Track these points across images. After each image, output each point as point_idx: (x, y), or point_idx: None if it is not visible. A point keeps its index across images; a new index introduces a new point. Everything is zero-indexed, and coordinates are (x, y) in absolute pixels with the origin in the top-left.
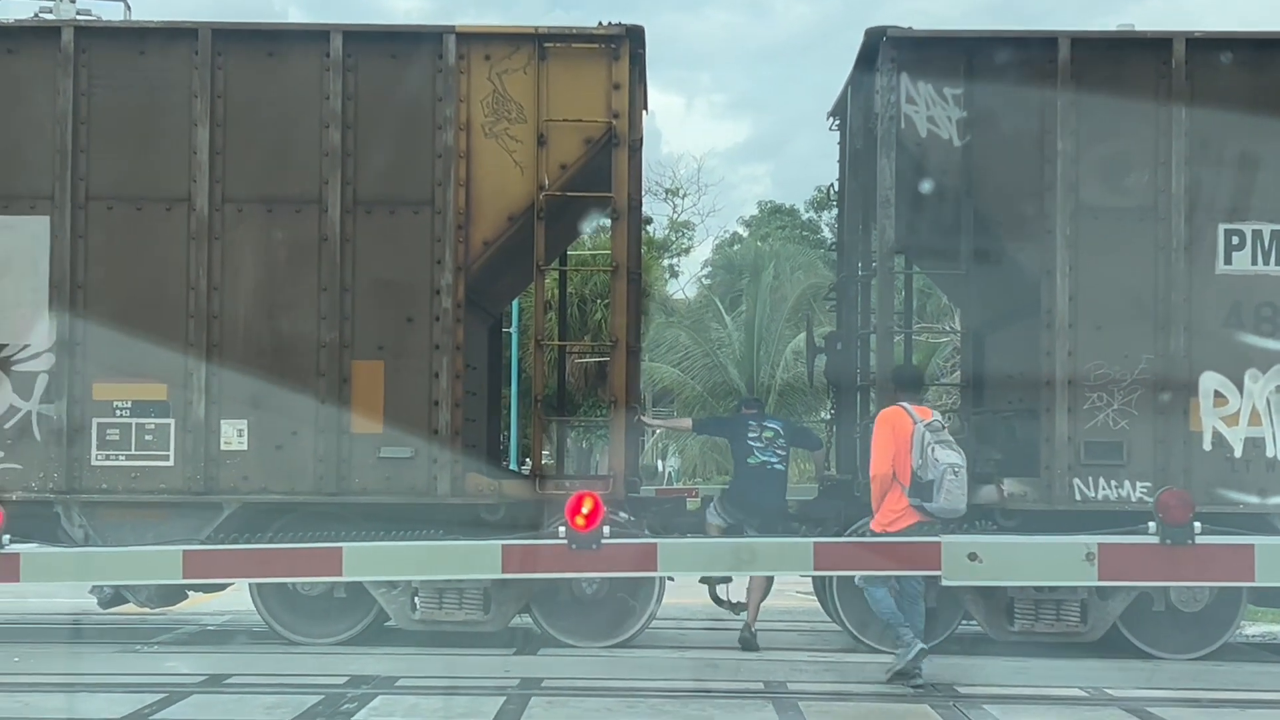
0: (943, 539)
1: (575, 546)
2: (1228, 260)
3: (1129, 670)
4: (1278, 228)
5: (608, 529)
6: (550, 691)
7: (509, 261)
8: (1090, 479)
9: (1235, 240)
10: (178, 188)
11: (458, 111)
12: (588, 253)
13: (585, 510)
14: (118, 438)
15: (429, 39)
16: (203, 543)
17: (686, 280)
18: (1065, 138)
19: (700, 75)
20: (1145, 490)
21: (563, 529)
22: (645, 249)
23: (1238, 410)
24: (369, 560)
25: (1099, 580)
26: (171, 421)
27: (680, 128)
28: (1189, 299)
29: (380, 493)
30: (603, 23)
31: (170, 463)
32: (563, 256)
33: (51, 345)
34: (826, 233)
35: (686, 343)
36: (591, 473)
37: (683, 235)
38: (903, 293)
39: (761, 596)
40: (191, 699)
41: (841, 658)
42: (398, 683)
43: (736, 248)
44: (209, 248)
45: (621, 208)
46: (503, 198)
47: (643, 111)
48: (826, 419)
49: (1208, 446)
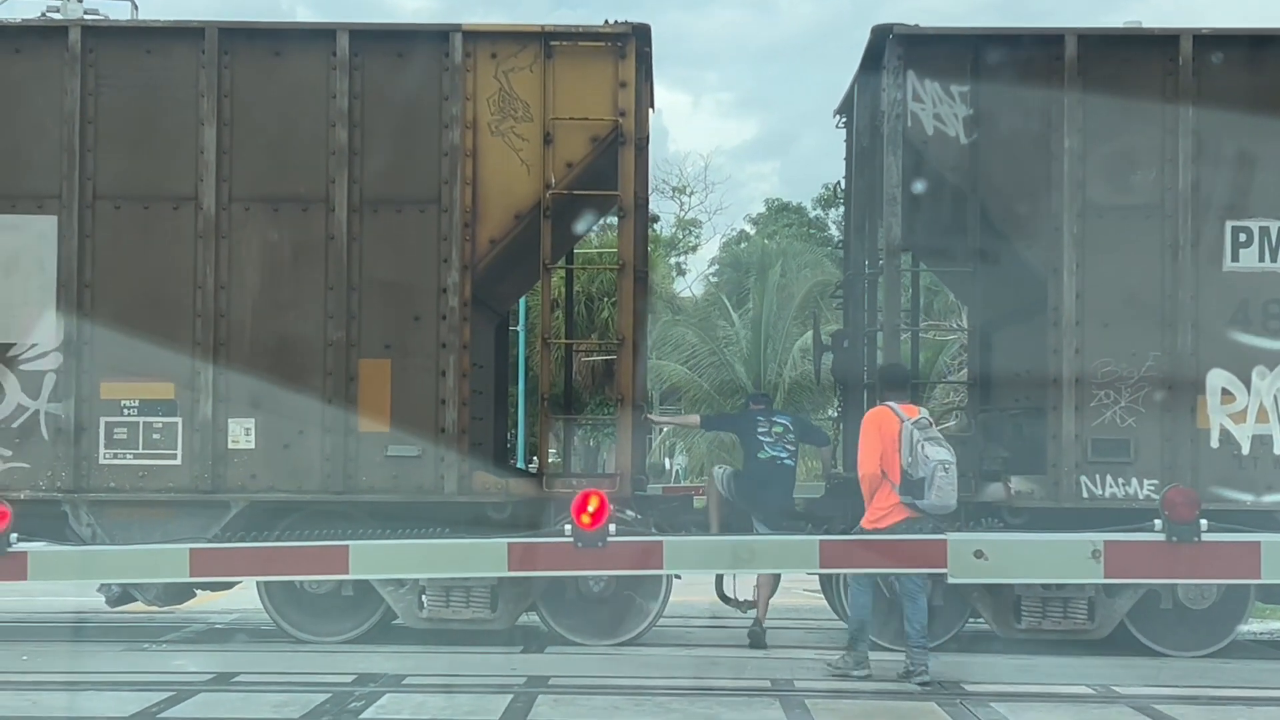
0: (949, 536)
1: (581, 544)
2: (1235, 257)
3: (1136, 668)
4: None
5: (614, 527)
6: (557, 689)
7: (515, 260)
8: (1097, 476)
9: (1242, 237)
10: (184, 187)
11: (464, 110)
12: (595, 251)
13: (591, 508)
14: (125, 436)
15: (435, 38)
16: (210, 541)
17: (694, 278)
18: (1072, 135)
19: (707, 73)
20: (1152, 488)
21: (569, 527)
22: (652, 247)
23: (1245, 407)
24: (376, 558)
25: (1105, 578)
26: (179, 420)
27: (687, 126)
28: (1196, 296)
29: (387, 491)
30: (609, 21)
31: (177, 461)
32: (569, 255)
33: (59, 344)
34: (833, 230)
35: (694, 341)
36: (599, 471)
37: (690, 233)
38: (909, 290)
39: (770, 592)
40: (199, 697)
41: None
42: (405, 681)
43: (744, 245)
44: (216, 247)
45: (628, 206)
46: (509, 196)
47: (649, 110)
48: (834, 416)
49: (1215, 444)
